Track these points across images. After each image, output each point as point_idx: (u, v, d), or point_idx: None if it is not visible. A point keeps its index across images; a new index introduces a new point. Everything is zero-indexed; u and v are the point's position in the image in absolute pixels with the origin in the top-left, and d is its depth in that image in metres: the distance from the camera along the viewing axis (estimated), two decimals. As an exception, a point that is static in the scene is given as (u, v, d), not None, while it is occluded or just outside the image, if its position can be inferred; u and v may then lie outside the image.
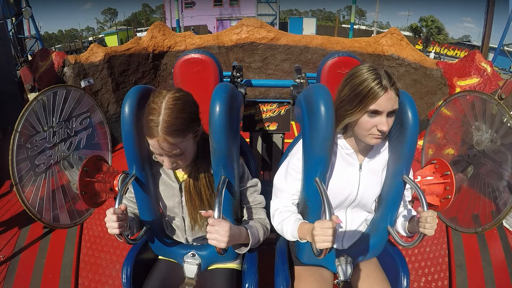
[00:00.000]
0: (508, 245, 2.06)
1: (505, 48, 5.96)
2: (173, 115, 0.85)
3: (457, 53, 20.01)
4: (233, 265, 1.17)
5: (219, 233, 0.81)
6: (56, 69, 3.00)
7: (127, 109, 0.93)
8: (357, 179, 1.00)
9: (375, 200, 1.06)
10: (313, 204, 0.96)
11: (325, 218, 0.79)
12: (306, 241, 0.93)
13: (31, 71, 2.08)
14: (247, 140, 1.86)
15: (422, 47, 20.79)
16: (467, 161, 2.03)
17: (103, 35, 24.20)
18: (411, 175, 1.02)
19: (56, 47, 24.85)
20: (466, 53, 3.33)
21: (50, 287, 1.80)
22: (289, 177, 1.02)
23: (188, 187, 1.02)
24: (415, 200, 1.47)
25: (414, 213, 1.06)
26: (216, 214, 0.81)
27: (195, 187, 1.02)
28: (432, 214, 0.86)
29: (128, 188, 1.06)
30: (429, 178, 1.46)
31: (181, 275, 1.14)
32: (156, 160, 1.03)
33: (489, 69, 2.85)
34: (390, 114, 0.87)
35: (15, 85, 2.84)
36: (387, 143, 1.03)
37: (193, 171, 1.02)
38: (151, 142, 0.88)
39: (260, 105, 1.83)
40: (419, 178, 1.43)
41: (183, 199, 1.05)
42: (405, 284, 1.07)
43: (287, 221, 0.98)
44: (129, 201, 1.12)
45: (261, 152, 2.04)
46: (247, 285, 1.05)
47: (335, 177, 0.99)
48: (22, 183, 1.69)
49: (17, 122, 1.67)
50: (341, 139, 0.99)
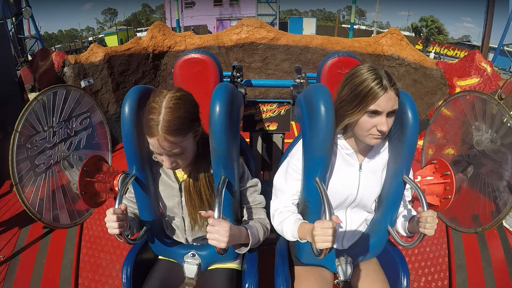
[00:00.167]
0: (508, 245, 2.06)
1: (505, 48, 5.96)
2: (173, 114, 0.85)
3: (457, 53, 20.00)
4: (233, 265, 1.17)
5: (219, 233, 0.81)
6: (56, 69, 3.00)
7: (127, 109, 0.93)
8: (357, 179, 1.00)
9: (375, 200, 1.06)
10: (313, 204, 0.96)
11: (325, 218, 0.79)
12: (306, 241, 0.93)
13: (32, 71, 2.08)
14: (247, 140, 1.86)
15: (422, 47, 20.79)
16: (467, 161, 2.03)
17: (103, 35, 24.19)
18: (411, 175, 1.02)
19: (56, 47, 24.83)
20: (466, 53, 3.33)
21: (50, 287, 1.80)
22: (289, 177, 1.03)
23: (188, 187, 1.02)
24: (415, 200, 1.47)
25: (414, 213, 1.06)
26: (216, 214, 0.81)
27: (195, 187, 1.02)
28: (432, 214, 0.85)
29: (128, 188, 1.06)
30: (429, 178, 1.46)
31: (181, 275, 1.14)
32: (156, 160, 1.03)
33: (489, 69, 2.85)
34: (390, 114, 0.87)
35: (15, 85, 2.84)
36: (387, 143, 1.03)
37: (193, 171, 1.02)
38: (151, 141, 0.88)
39: (260, 105, 1.83)
40: (419, 178, 1.43)
41: (183, 199, 1.05)
42: (405, 284, 1.07)
43: (287, 221, 0.98)
44: (129, 201, 1.12)
45: (261, 152, 2.04)
46: (247, 285, 1.05)
47: (335, 177, 0.99)
48: (22, 183, 1.69)
49: (17, 122, 1.67)
50: (341, 139, 0.99)
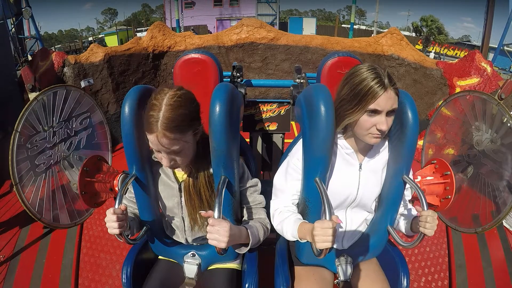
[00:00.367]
0: (508, 245, 2.06)
1: (505, 48, 5.96)
2: (173, 111, 0.85)
3: (457, 53, 20.00)
4: (233, 265, 1.17)
5: (219, 233, 0.81)
6: (56, 69, 3.00)
7: (127, 109, 0.93)
8: (357, 179, 1.00)
9: (375, 200, 1.06)
10: (313, 204, 0.96)
11: (325, 218, 0.79)
12: (306, 241, 0.93)
13: (32, 71, 2.08)
14: (247, 140, 1.86)
15: (422, 47, 20.78)
16: (467, 161, 2.03)
17: (103, 35, 24.17)
18: (411, 175, 1.02)
19: (56, 47, 24.83)
20: (466, 53, 3.32)
21: (50, 287, 1.80)
22: (289, 177, 1.02)
23: (187, 187, 1.02)
24: (415, 200, 1.47)
25: (414, 212, 1.06)
26: (216, 214, 0.81)
27: (195, 187, 1.02)
28: (432, 214, 0.85)
29: (128, 188, 1.06)
30: (429, 178, 1.46)
31: (181, 275, 1.14)
32: (155, 160, 1.04)
33: (489, 69, 2.85)
34: (389, 113, 0.87)
35: (15, 85, 2.84)
36: (386, 143, 1.03)
37: (193, 171, 1.01)
38: (150, 137, 0.88)
39: (260, 105, 1.83)
40: (419, 178, 1.43)
41: (183, 199, 1.05)
42: (405, 284, 1.07)
43: (287, 221, 0.98)
44: (129, 201, 1.12)
45: (261, 152, 2.04)
46: (247, 285, 1.05)
47: (335, 177, 0.99)
48: (22, 183, 1.69)
49: (17, 122, 1.67)
50: (341, 139, 0.99)
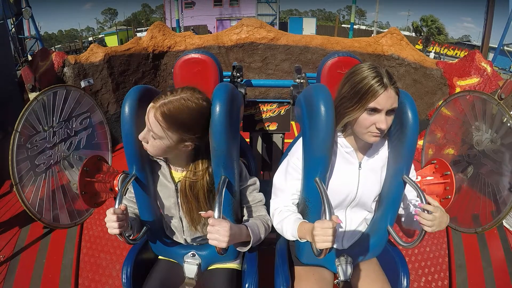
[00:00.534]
0: (508, 245, 2.05)
1: (505, 48, 5.96)
2: (174, 106, 0.86)
3: (457, 53, 19.99)
4: (233, 265, 1.17)
5: (219, 233, 0.81)
6: (56, 69, 3.00)
7: (127, 109, 0.93)
8: (357, 178, 1.00)
9: (375, 199, 1.05)
10: (313, 204, 0.96)
11: (325, 218, 0.79)
12: (306, 240, 0.93)
13: (32, 71, 2.08)
14: (247, 140, 1.86)
15: (422, 47, 20.78)
16: (467, 161, 2.03)
17: (103, 35, 24.17)
18: (413, 174, 1.01)
19: (56, 47, 24.83)
20: (466, 53, 3.32)
21: (50, 287, 1.80)
22: (288, 176, 1.02)
23: (183, 188, 1.01)
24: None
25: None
26: (216, 214, 0.81)
27: (191, 188, 1.01)
28: (434, 209, 0.84)
29: (128, 188, 1.06)
30: (429, 178, 1.46)
31: (181, 275, 1.14)
32: (154, 159, 1.04)
33: (489, 69, 2.84)
34: (389, 112, 0.87)
35: (15, 85, 2.84)
36: (386, 141, 1.03)
37: (189, 171, 1.01)
38: (148, 107, 0.89)
39: (260, 105, 1.83)
40: (419, 178, 1.43)
41: (179, 200, 1.05)
42: (405, 284, 1.07)
43: (287, 220, 0.98)
44: (129, 201, 1.12)
45: (261, 152, 2.04)
46: (247, 285, 1.05)
47: (334, 176, 0.99)
48: (22, 183, 1.69)
49: (17, 122, 1.67)
50: (340, 138, 0.99)
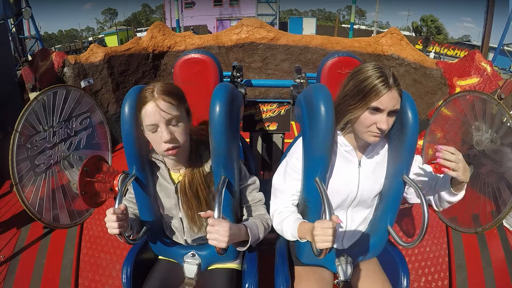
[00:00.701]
0: (508, 245, 2.05)
1: (505, 47, 5.96)
2: (166, 85, 0.92)
3: (457, 53, 19.97)
4: (233, 265, 1.17)
5: (219, 233, 0.81)
6: (56, 69, 2.99)
7: (127, 109, 0.93)
8: (357, 176, 1.00)
9: (376, 197, 1.05)
10: (313, 204, 0.96)
11: (325, 218, 0.79)
12: (306, 240, 0.93)
13: (32, 71, 2.08)
14: (247, 140, 1.86)
15: (422, 47, 20.77)
16: (467, 161, 2.02)
17: (103, 35, 24.15)
18: (418, 168, 1.00)
19: (56, 47, 24.80)
20: (466, 53, 3.32)
21: (50, 287, 1.80)
22: (288, 177, 1.02)
23: (183, 188, 1.01)
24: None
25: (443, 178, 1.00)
26: (216, 214, 0.81)
27: (191, 188, 1.01)
28: (455, 151, 0.82)
29: (128, 188, 1.06)
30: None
31: (181, 275, 1.14)
32: (153, 160, 1.03)
33: (489, 68, 2.84)
34: (391, 113, 0.87)
35: (15, 85, 2.84)
36: (384, 139, 1.03)
37: (188, 171, 1.01)
38: (147, 108, 0.88)
39: (260, 105, 1.83)
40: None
41: (180, 200, 1.05)
42: (405, 284, 1.07)
43: (286, 220, 0.98)
44: (129, 202, 1.12)
45: (261, 152, 2.04)
46: (247, 285, 1.05)
47: (335, 176, 0.99)
48: (22, 183, 1.69)
49: (17, 122, 1.67)
50: (340, 136, 0.99)
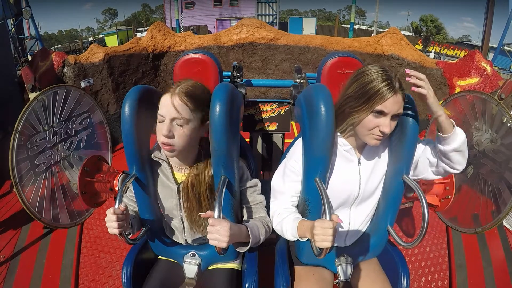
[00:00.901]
0: (508, 245, 2.05)
1: (505, 47, 5.95)
2: (192, 87, 0.94)
3: (457, 53, 19.96)
4: (233, 265, 1.17)
5: (219, 233, 0.81)
6: (56, 69, 3.00)
7: (127, 109, 0.93)
8: (357, 174, 1.00)
9: (378, 194, 1.05)
10: (313, 204, 0.96)
11: (325, 218, 0.79)
12: (306, 239, 0.93)
13: (32, 71, 2.08)
14: (247, 140, 1.86)
15: (422, 46, 20.77)
16: (467, 161, 2.03)
17: (103, 35, 24.14)
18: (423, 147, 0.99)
19: (56, 47, 24.79)
20: (466, 53, 3.32)
21: (50, 287, 1.80)
22: (286, 178, 1.02)
23: (186, 189, 1.02)
24: (415, 200, 1.47)
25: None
26: (216, 214, 0.81)
27: (193, 189, 1.01)
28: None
29: (128, 188, 1.06)
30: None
31: (181, 275, 1.14)
32: (155, 159, 1.04)
33: (489, 68, 2.84)
34: (394, 117, 0.87)
35: (15, 85, 2.84)
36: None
37: (192, 172, 1.01)
38: (163, 99, 0.92)
39: (260, 105, 1.82)
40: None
41: (181, 201, 1.05)
42: (405, 284, 1.07)
43: (286, 220, 0.98)
44: (130, 200, 1.12)
45: (261, 152, 2.03)
46: (247, 285, 1.05)
47: (335, 175, 0.99)
48: (22, 183, 1.69)
49: (17, 122, 1.67)
50: (339, 137, 0.99)
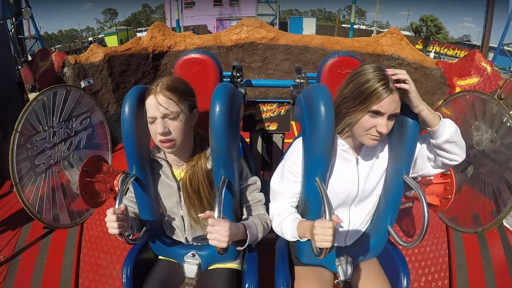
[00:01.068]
0: (508, 245, 2.05)
1: (505, 47, 5.94)
2: (171, 80, 0.96)
3: (457, 53, 19.94)
4: (233, 265, 1.17)
5: (219, 233, 0.81)
6: (56, 69, 2.99)
7: (127, 109, 0.93)
8: (356, 174, 1.00)
9: (377, 194, 1.04)
10: (313, 204, 0.96)
11: (325, 218, 0.79)
12: (306, 239, 0.93)
13: (32, 71, 2.08)
14: (247, 140, 1.86)
15: (422, 46, 20.76)
16: (467, 161, 2.03)
17: (103, 35, 24.14)
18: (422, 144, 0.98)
19: (56, 47, 24.79)
20: (466, 53, 3.32)
21: (50, 287, 1.80)
22: (285, 179, 1.02)
23: (185, 186, 1.02)
24: (415, 200, 1.47)
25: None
26: (216, 214, 0.81)
27: (192, 186, 1.02)
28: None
29: (128, 188, 1.06)
30: (429, 178, 1.46)
31: (181, 275, 1.14)
32: (155, 158, 1.04)
33: (489, 68, 2.84)
34: (391, 117, 0.87)
35: (15, 85, 2.84)
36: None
37: (190, 168, 1.02)
38: (148, 101, 0.92)
39: (260, 105, 1.82)
40: (419, 178, 1.43)
41: (182, 198, 1.05)
42: (405, 284, 1.07)
43: (285, 221, 0.98)
44: (130, 201, 1.12)
45: (261, 152, 2.03)
46: (247, 285, 1.05)
47: (334, 175, 0.99)
48: (22, 183, 1.69)
49: (17, 122, 1.67)
50: (338, 138, 0.99)
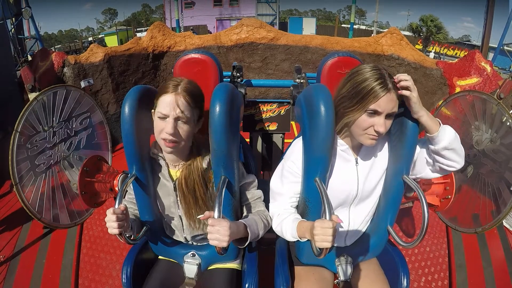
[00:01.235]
0: (508, 245, 2.05)
1: (505, 47, 5.95)
2: (192, 85, 0.98)
3: (457, 53, 19.94)
4: (233, 265, 1.17)
5: (219, 232, 0.81)
6: (56, 69, 2.99)
7: (127, 109, 0.93)
8: (355, 174, 1.00)
9: (377, 194, 1.04)
10: (313, 204, 0.96)
11: (325, 218, 0.79)
12: (306, 239, 0.93)
13: (32, 71, 2.08)
14: (247, 140, 1.86)
15: (422, 46, 20.76)
16: (467, 161, 2.03)
17: (103, 35, 24.14)
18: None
19: (56, 47, 24.80)
20: (466, 53, 3.32)
21: (50, 287, 1.80)
22: (284, 180, 1.02)
23: (181, 185, 1.02)
24: (415, 200, 1.47)
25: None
26: (216, 214, 0.81)
27: (188, 185, 1.02)
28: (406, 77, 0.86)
29: (128, 188, 1.06)
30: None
31: (181, 275, 1.14)
32: (153, 156, 1.04)
33: (489, 68, 2.84)
34: (388, 116, 0.87)
35: (15, 85, 2.84)
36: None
37: (186, 168, 1.02)
38: (165, 97, 0.92)
39: (260, 105, 1.82)
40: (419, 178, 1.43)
41: (178, 197, 1.05)
42: (405, 284, 1.07)
43: (285, 221, 0.98)
44: (129, 202, 1.12)
45: (261, 152, 2.03)
46: (247, 285, 1.05)
47: (334, 175, 0.99)
48: (22, 183, 1.69)
49: (17, 122, 1.67)
50: (337, 138, 0.99)
